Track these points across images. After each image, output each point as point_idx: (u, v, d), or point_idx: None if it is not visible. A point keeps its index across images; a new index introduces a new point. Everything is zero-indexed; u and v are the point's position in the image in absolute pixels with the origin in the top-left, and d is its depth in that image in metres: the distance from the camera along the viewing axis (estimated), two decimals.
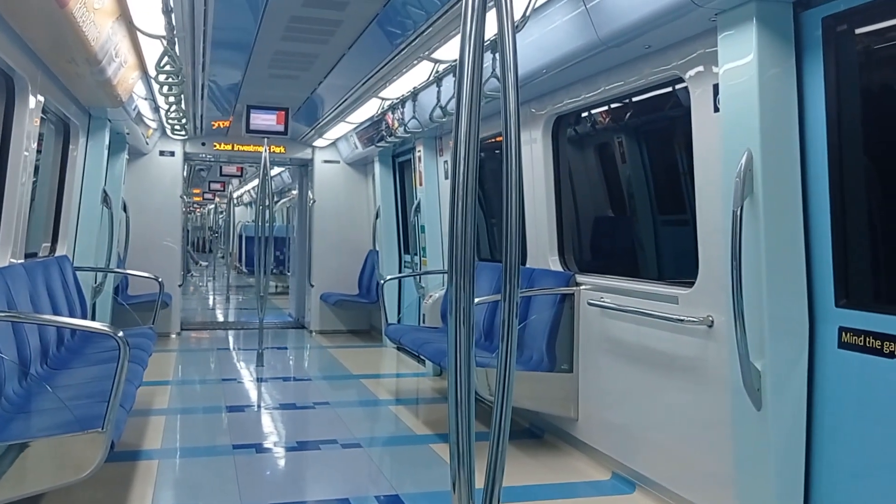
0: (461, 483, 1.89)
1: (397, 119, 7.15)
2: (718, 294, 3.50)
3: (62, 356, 4.97)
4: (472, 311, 1.85)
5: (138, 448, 4.88)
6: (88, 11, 3.91)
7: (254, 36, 5.44)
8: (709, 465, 3.66)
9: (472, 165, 1.81)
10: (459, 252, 1.82)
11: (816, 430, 3.10)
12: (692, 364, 3.79)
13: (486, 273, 6.14)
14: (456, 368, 1.85)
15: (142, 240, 9.18)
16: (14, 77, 4.47)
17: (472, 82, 1.81)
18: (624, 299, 4.38)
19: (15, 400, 3.77)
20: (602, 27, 3.75)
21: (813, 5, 3.07)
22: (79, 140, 6.43)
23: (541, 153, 5.35)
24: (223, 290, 16.64)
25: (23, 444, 3.10)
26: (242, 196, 22.22)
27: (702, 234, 3.72)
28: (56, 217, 6.31)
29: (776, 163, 3.09)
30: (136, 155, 9.35)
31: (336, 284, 10.42)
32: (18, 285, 4.49)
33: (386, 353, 8.97)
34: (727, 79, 3.25)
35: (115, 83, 5.35)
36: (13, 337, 4.02)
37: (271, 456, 4.99)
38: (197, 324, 11.25)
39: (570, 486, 4.40)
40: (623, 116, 5.40)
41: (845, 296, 3.00)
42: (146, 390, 6.12)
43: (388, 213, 9.28)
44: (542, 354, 5.01)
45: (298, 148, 10.40)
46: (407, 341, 6.19)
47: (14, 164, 4.58)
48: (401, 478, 4.58)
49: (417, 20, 4.68)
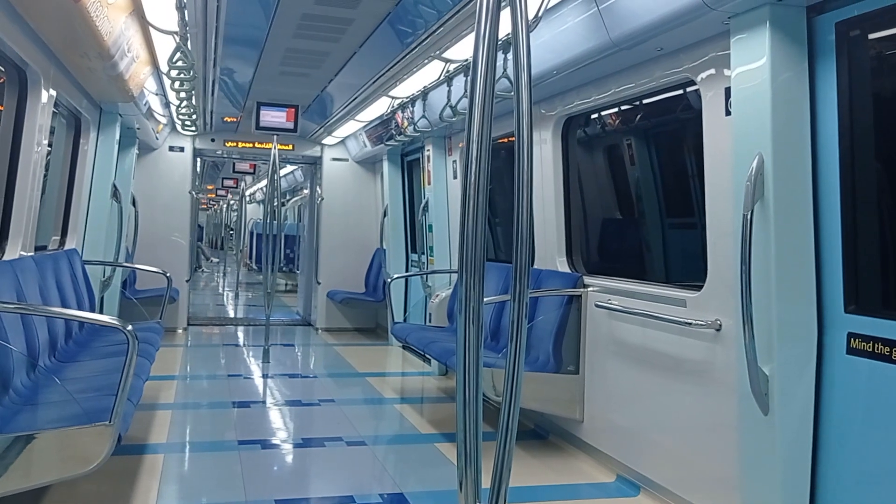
0: (468, 482, 1.89)
1: (407, 118, 7.15)
2: (727, 298, 3.49)
3: (70, 349, 4.99)
4: (481, 311, 1.85)
5: (144, 442, 4.90)
6: (102, 6, 3.93)
7: (265, 33, 5.45)
8: (715, 468, 3.65)
9: (484, 165, 1.82)
10: (470, 252, 1.82)
11: (823, 435, 3.09)
12: (699, 367, 3.78)
13: (492, 273, 6.14)
14: (464, 368, 1.85)
15: (150, 235, 9.21)
16: (27, 71, 4.48)
17: (486, 82, 1.82)
18: (631, 301, 4.37)
19: (23, 392, 3.79)
20: (614, 29, 3.75)
21: (826, 10, 3.06)
22: (90, 134, 6.45)
23: (550, 154, 5.35)
24: (233, 287, 16.69)
25: (30, 435, 3.11)
26: (255, 193, 22.29)
27: (711, 237, 3.71)
28: (66, 211, 6.34)
29: (787, 167, 3.08)
30: (146, 150, 9.38)
31: (343, 282, 10.43)
32: (28, 278, 4.51)
33: (392, 352, 8.98)
34: (739, 82, 3.24)
35: (127, 78, 5.37)
36: (22, 329, 4.04)
37: (277, 452, 5.00)
38: (204, 319, 11.27)
39: (575, 488, 4.40)
40: (633, 118, 5.40)
41: (855, 301, 2.99)
42: (152, 384, 6.14)
43: (395, 212, 9.29)
44: (549, 355, 5.01)
45: (307, 145, 10.42)
46: (413, 340, 6.19)
47: (26, 157, 4.60)
48: (405, 476, 4.59)
49: (429, 19, 4.68)
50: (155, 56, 5.60)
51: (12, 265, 4.33)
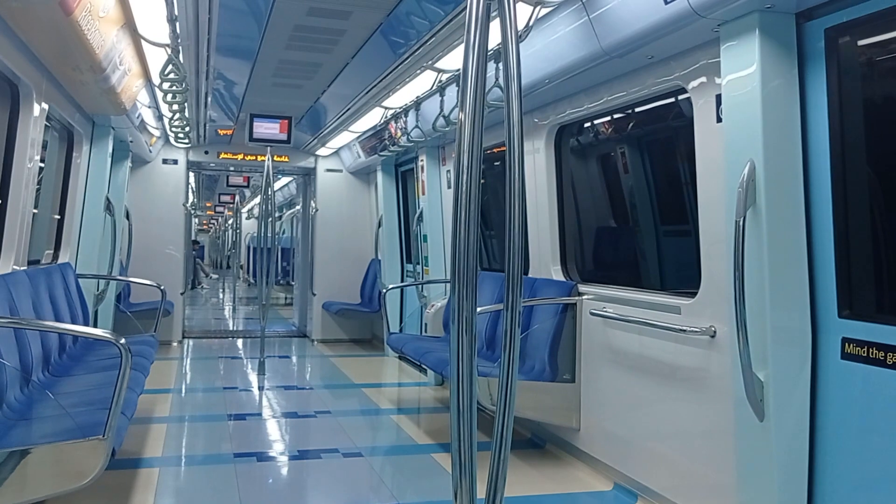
0: (463, 492, 1.88)
1: (400, 128, 7.17)
2: (721, 304, 3.49)
3: (63, 363, 4.97)
4: (474, 320, 1.85)
5: (139, 456, 4.87)
6: (94, 19, 3.93)
7: (258, 44, 5.46)
8: (711, 475, 3.65)
9: (475, 175, 1.82)
10: (462, 262, 1.82)
11: (819, 441, 3.09)
12: (694, 374, 3.78)
13: (487, 283, 6.14)
14: (458, 377, 1.85)
15: (144, 248, 9.19)
16: (19, 85, 4.48)
17: (476, 92, 1.82)
18: (626, 309, 4.38)
19: (16, 406, 3.77)
20: (605, 37, 3.77)
21: (815, 17, 3.08)
22: (82, 148, 6.45)
23: (543, 163, 5.35)
24: (231, 301, 16.69)
25: (24, 450, 3.09)
26: (253, 209, 22.33)
27: (704, 244, 3.72)
28: (59, 224, 6.32)
29: (779, 173, 3.09)
30: (140, 163, 9.38)
31: (338, 293, 10.42)
32: (21, 292, 4.49)
33: (387, 363, 8.96)
34: (730, 89, 3.26)
35: (119, 91, 5.37)
36: (15, 344, 4.02)
37: (273, 464, 4.97)
38: (200, 332, 11.24)
39: (572, 497, 4.39)
40: (625, 126, 5.41)
41: (848, 306, 3.00)
42: (147, 398, 6.12)
43: (390, 222, 9.29)
44: (545, 364, 5.01)
45: (301, 157, 10.42)
46: (409, 350, 6.18)
47: (18, 171, 4.59)
48: (402, 487, 4.57)
49: (421, 30, 4.69)
50: (147, 69, 5.60)
51: (5, 279, 4.31)
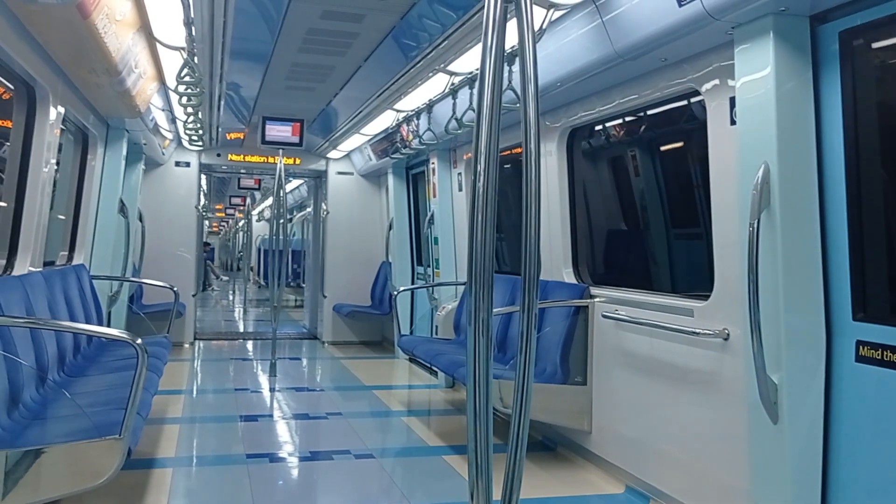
0: (479, 494, 1.89)
1: (412, 131, 7.18)
2: (734, 307, 3.49)
3: (78, 364, 5.01)
4: (490, 322, 1.85)
5: (152, 456, 4.90)
6: (110, 22, 3.96)
7: (271, 47, 5.49)
8: (724, 478, 3.64)
9: (492, 177, 1.83)
10: (479, 264, 1.83)
11: (833, 444, 3.08)
12: (707, 377, 3.78)
13: (498, 285, 6.14)
14: (475, 379, 1.85)
15: (156, 249, 9.24)
16: (35, 87, 4.52)
17: (493, 94, 1.83)
18: (639, 312, 4.37)
19: (32, 406, 3.80)
20: (618, 40, 3.77)
21: (830, 19, 3.08)
22: (97, 150, 6.50)
23: (555, 166, 5.36)
24: (242, 303, 16.75)
25: (39, 450, 3.12)
26: (263, 212, 22.40)
27: (718, 246, 3.71)
28: (74, 226, 6.37)
29: (793, 175, 3.08)
30: (153, 165, 9.44)
31: (349, 296, 10.45)
32: (37, 293, 4.53)
33: (398, 365, 8.97)
34: (744, 92, 3.26)
35: (134, 94, 5.41)
36: (31, 344, 4.05)
37: (284, 465, 4.99)
38: (211, 334, 11.28)
39: (584, 500, 4.38)
40: (637, 129, 5.40)
41: (863, 309, 2.99)
42: (160, 399, 6.15)
43: (401, 225, 9.31)
44: (556, 366, 5.01)
45: (313, 159, 10.46)
46: (420, 353, 6.19)
47: (34, 174, 4.63)
48: (413, 489, 4.57)
49: (433, 33, 4.71)
50: (162, 72, 5.64)
51: (21, 280, 4.35)
